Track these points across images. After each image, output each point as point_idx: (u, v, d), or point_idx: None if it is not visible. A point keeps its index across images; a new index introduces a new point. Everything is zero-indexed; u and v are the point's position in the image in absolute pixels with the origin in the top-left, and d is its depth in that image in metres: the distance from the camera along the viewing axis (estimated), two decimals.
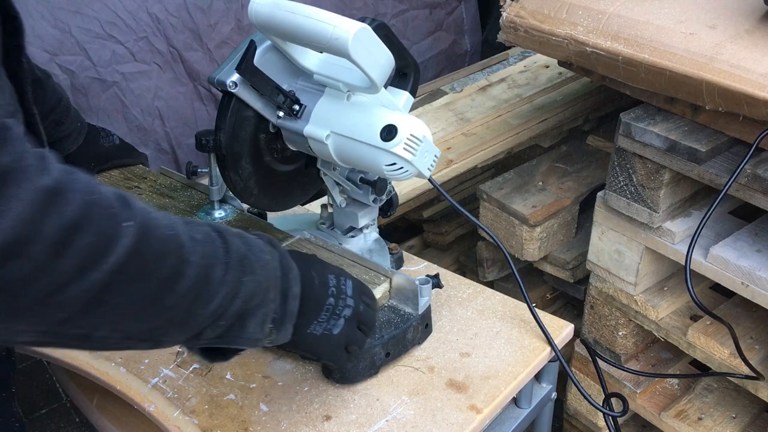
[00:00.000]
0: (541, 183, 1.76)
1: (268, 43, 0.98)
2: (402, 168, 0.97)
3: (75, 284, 0.57)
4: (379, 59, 0.92)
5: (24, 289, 0.55)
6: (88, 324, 0.61)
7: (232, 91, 0.97)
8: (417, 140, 0.96)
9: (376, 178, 1.08)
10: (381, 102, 0.99)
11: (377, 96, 0.98)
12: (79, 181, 0.59)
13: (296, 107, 1.00)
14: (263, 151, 1.06)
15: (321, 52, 1.00)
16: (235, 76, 0.96)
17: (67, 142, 1.19)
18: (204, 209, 1.20)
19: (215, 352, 0.78)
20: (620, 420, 1.66)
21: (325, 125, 0.99)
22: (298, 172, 1.13)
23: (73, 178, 0.59)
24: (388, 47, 0.93)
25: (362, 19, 0.94)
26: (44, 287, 0.56)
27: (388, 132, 0.95)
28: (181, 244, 0.66)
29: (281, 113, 1.02)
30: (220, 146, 1.01)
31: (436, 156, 1.00)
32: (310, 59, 1.01)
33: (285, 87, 1.01)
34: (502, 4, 1.48)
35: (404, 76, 1.07)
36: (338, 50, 0.88)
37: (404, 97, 1.07)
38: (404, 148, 0.95)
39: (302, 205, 1.28)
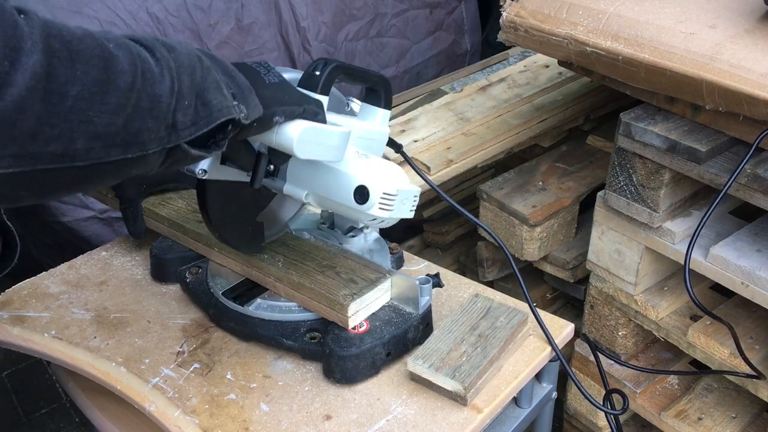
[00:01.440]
0: (541, 183, 1.76)
1: None
2: (384, 221, 0.99)
3: (14, 76, 0.56)
4: (332, 142, 0.90)
5: None
6: (61, 133, 0.60)
7: (203, 178, 0.93)
8: (391, 197, 0.95)
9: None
10: (356, 140, 0.99)
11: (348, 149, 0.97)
12: None
13: (270, 167, 0.96)
14: (253, 206, 1.07)
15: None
16: (205, 164, 0.92)
17: None
18: None
19: (206, 146, 0.76)
20: (620, 419, 1.66)
21: (303, 185, 0.99)
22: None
23: None
24: (348, 80, 0.94)
25: (315, 65, 0.94)
26: None
27: (361, 195, 0.94)
28: (90, 31, 0.64)
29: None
30: (216, 229, 1.02)
31: (415, 197, 1.01)
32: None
33: (256, 146, 0.95)
34: (502, 3, 1.48)
35: (374, 92, 1.08)
36: (289, 152, 0.87)
37: (379, 114, 1.07)
38: (380, 208, 0.94)
39: None
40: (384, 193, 0.94)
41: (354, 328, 1.03)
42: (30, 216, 1.93)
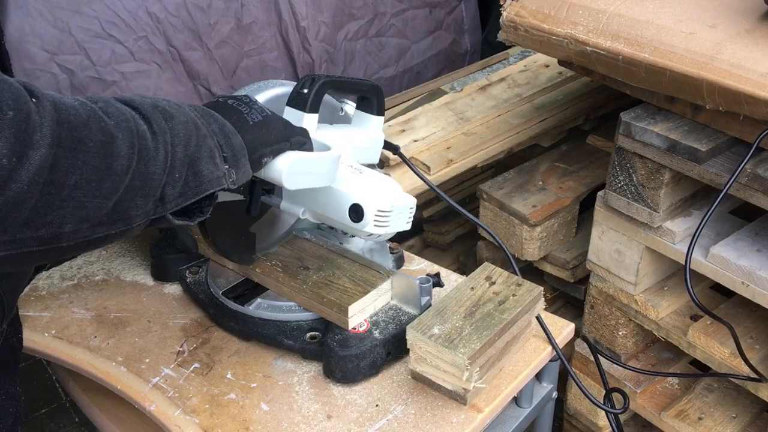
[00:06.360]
0: (541, 182, 1.76)
1: None
2: (381, 235, 0.98)
3: (19, 171, 0.56)
4: (322, 169, 0.90)
5: None
6: (53, 220, 0.60)
7: None
8: (385, 213, 0.95)
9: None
10: (351, 150, 1.00)
11: (343, 153, 0.97)
12: None
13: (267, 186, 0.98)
14: (246, 217, 1.06)
15: None
16: None
17: None
18: None
19: (190, 212, 0.76)
20: (620, 419, 1.65)
21: (299, 203, 0.99)
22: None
23: None
24: (338, 93, 0.94)
25: (303, 82, 0.94)
26: None
27: (356, 213, 0.94)
28: (95, 110, 0.64)
29: None
30: (210, 236, 1.01)
31: (411, 209, 1.00)
32: None
33: None
34: (502, 3, 1.48)
35: (366, 100, 1.08)
36: (279, 185, 0.87)
37: (373, 120, 1.08)
38: (375, 225, 0.94)
39: None
40: (378, 211, 0.94)
41: (354, 328, 1.03)
42: None
